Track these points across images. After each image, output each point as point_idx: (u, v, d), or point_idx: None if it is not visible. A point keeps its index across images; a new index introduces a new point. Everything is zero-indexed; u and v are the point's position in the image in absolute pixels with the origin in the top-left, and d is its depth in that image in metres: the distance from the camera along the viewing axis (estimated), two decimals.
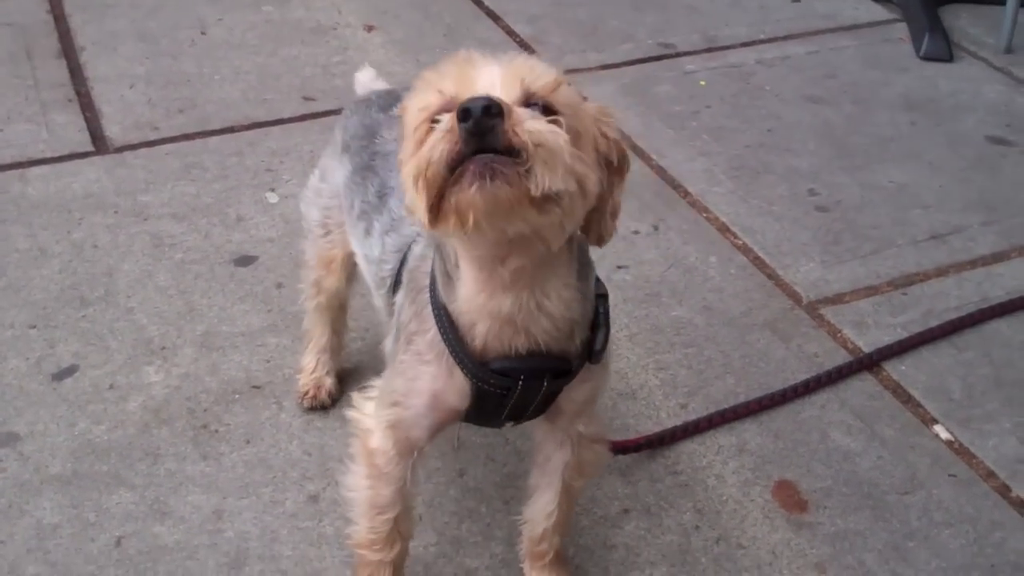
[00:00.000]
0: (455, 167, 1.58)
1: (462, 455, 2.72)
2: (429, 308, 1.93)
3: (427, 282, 1.95)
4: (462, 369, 1.91)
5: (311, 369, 2.84)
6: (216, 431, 2.77)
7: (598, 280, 1.99)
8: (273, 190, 3.69)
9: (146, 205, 3.59)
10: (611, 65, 4.61)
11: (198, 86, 4.32)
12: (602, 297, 1.97)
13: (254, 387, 2.90)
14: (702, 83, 4.51)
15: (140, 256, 3.36)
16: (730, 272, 3.41)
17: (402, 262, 2.13)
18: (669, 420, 2.85)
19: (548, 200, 1.60)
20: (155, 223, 3.51)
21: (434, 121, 1.64)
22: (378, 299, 2.30)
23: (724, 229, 3.60)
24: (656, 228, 3.59)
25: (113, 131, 3.99)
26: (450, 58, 1.72)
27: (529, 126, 1.57)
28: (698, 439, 2.80)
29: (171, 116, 4.10)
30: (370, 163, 2.35)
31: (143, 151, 3.88)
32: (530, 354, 1.88)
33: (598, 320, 1.95)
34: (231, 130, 4.04)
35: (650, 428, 2.81)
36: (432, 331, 1.93)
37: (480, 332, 1.87)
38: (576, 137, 1.67)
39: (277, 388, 2.90)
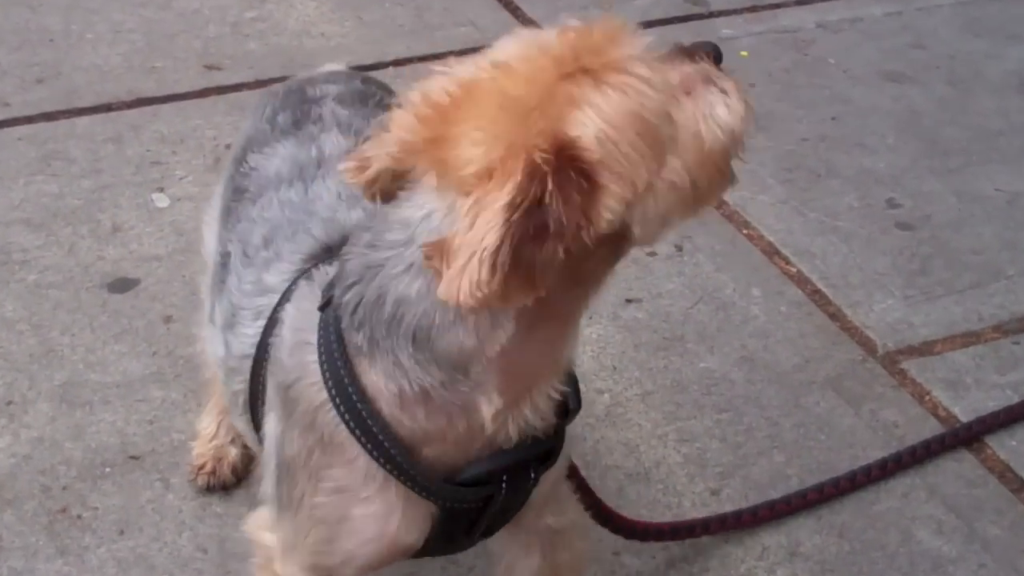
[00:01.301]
0: None
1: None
2: (343, 429, 1.83)
3: (323, 396, 1.84)
4: (419, 493, 1.85)
5: (210, 435, 2.82)
6: (79, 517, 2.74)
7: None
8: (162, 190, 3.68)
9: None
10: None
11: (63, 48, 4.31)
12: None
13: (131, 457, 2.88)
14: (743, 54, 4.53)
15: None
16: (779, 310, 3.41)
17: (253, 373, 2.04)
18: (695, 510, 2.84)
19: None
20: (1, 232, 3.49)
21: None
22: (238, 421, 2.21)
23: (772, 252, 3.61)
24: (679, 249, 3.59)
25: None
26: None
27: None
28: (735, 537, 2.78)
29: (26, 88, 4.10)
30: (232, 202, 2.27)
31: None
32: (519, 444, 1.83)
33: None
34: (107, 108, 4.04)
35: (670, 520, 2.79)
36: (361, 458, 1.85)
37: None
38: None
39: (162, 459, 2.87)
